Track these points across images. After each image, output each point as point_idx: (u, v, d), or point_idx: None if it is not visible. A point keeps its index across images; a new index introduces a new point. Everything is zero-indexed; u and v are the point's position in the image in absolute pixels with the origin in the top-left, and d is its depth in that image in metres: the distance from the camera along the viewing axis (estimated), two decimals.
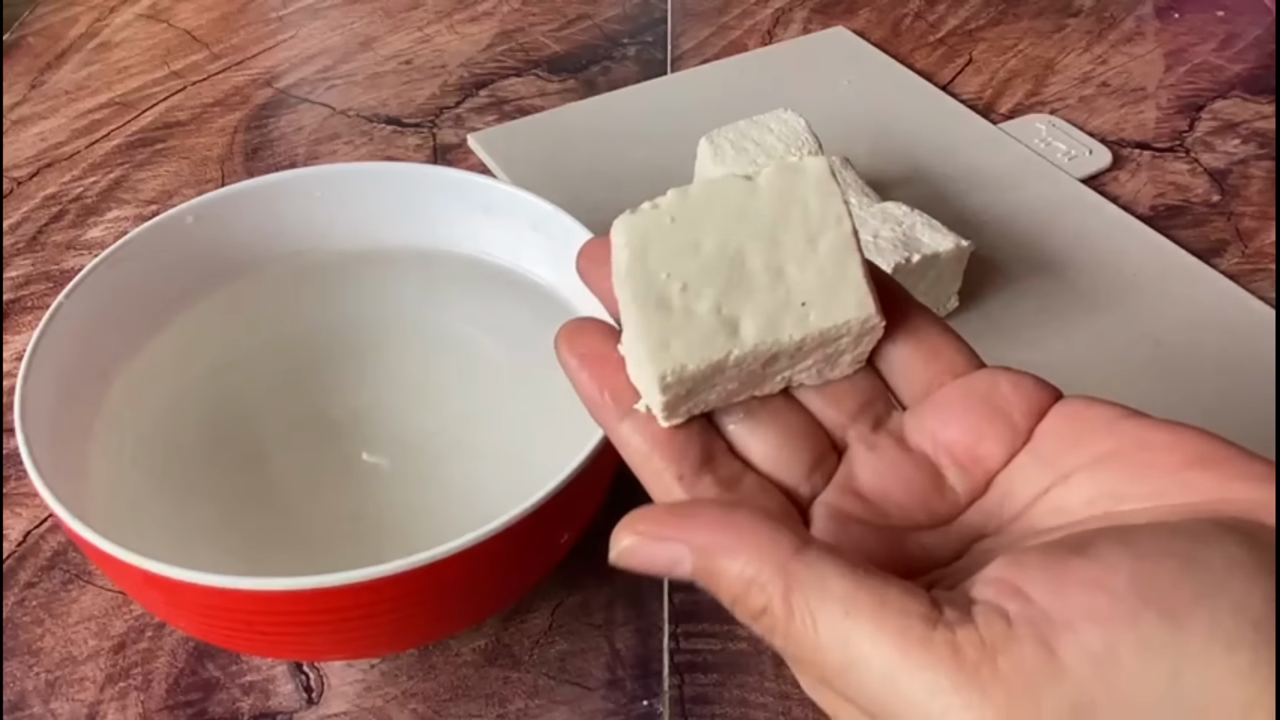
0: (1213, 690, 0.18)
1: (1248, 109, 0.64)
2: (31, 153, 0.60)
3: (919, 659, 0.21)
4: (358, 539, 0.38)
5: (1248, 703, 0.18)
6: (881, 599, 0.21)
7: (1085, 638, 0.19)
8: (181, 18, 0.73)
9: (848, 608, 0.21)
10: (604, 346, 0.26)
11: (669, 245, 0.24)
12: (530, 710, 0.36)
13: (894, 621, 0.21)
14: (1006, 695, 0.20)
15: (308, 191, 0.42)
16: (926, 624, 0.21)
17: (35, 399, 0.33)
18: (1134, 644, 0.19)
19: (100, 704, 0.36)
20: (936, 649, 0.21)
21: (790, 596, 0.21)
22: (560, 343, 0.26)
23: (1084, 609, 0.20)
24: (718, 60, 0.67)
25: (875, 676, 0.21)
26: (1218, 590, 0.19)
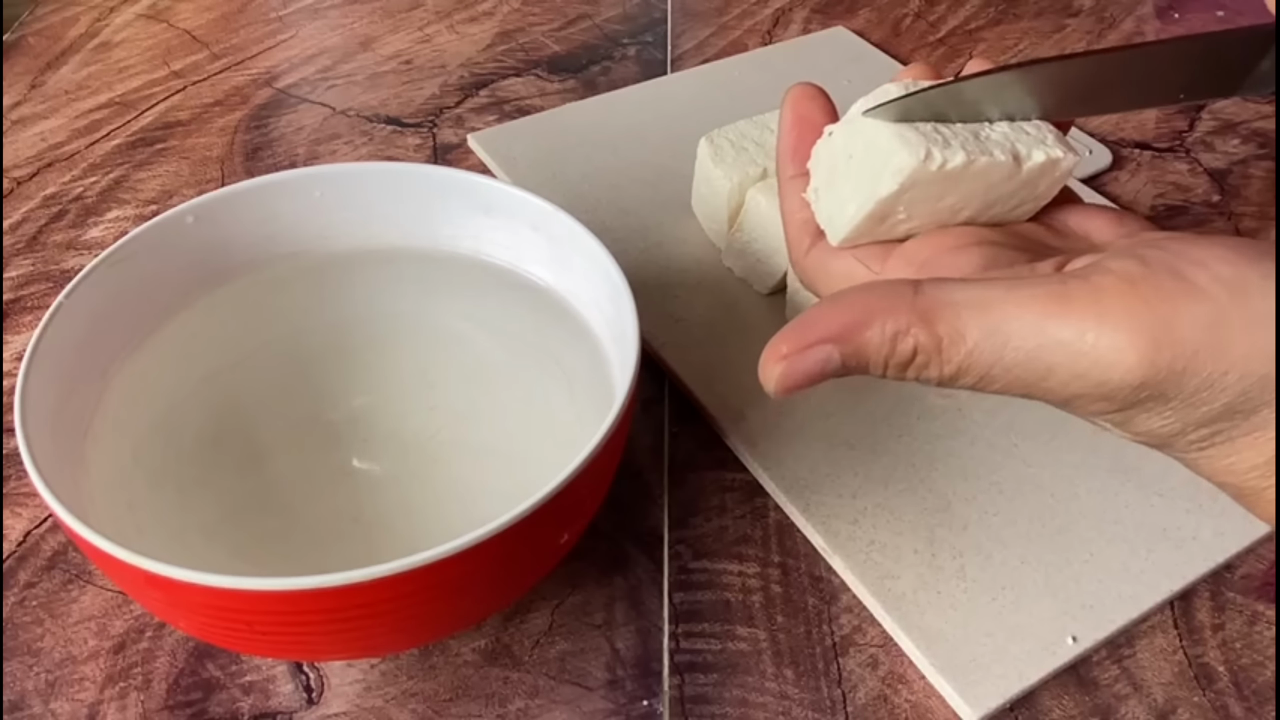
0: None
1: (1248, 109, 0.64)
2: (31, 153, 0.60)
3: (1062, 308, 0.23)
4: (358, 539, 0.38)
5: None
6: (1010, 284, 0.25)
7: (1216, 269, 0.23)
8: (181, 18, 0.73)
9: (983, 303, 0.24)
10: (818, 118, 0.30)
11: (927, 193, 0.27)
12: (530, 710, 0.36)
13: (1028, 292, 0.24)
14: (1150, 314, 0.23)
15: (308, 191, 0.42)
16: (1060, 283, 0.24)
17: (35, 399, 0.33)
18: (1260, 276, 0.22)
19: (100, 704, 0.36)
20: (1076, 295, 0.23)
21: (932, 325, 0.24)
22: (788, 97, 0.30)
23: (1211, 253, 0.23)
24: (718, 60, 0.67)
25: (1028, 345, 0.24)
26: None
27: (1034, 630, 0.37)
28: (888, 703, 0.36)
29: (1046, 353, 0.24)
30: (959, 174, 0.27)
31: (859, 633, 0.38)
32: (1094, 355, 0.23)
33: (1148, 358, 0.23)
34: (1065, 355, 0.23)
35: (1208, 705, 0.36)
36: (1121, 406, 0.24)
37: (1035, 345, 0.24)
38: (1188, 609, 0.39)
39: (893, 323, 0.25)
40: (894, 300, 0.25)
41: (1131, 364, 0.23)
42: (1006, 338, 0.24)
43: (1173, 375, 0.23)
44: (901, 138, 0.27)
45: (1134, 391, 0.23)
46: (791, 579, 0.39)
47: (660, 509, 0.42)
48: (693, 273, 0.51)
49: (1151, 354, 0.23)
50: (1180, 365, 0.23)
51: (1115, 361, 0.23)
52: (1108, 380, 0.23)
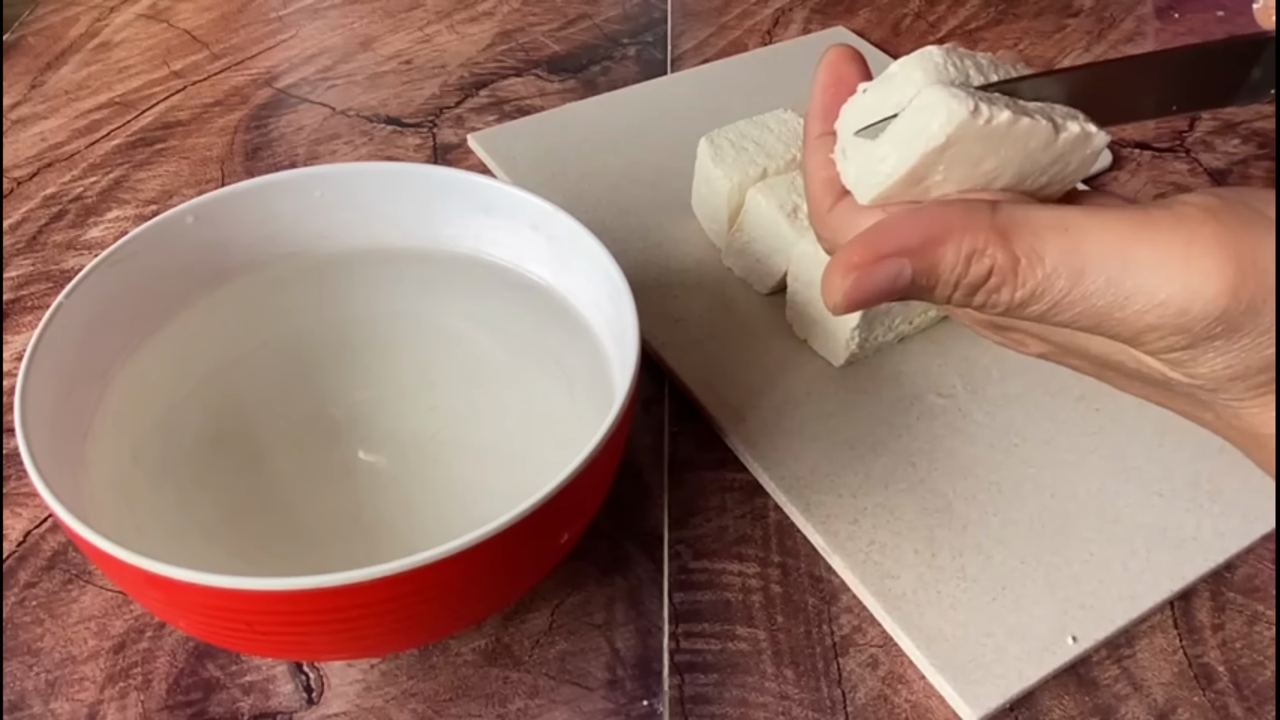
0: None
1: (1248, 109, 0.64)
2: (31, 153, 0.60)
3: (1149, 232, 0.23)
4: (358, 539, 0.38)
5: None
6: (1090, 209, 0.24)
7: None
8: (181, 18, 0.73)
9: (1064, 224, 0.24)
10: (853, 80, 0.29)
11: (968, 154, 0.27)
12: (530, 710, 0.36)
13: (1112, 215, 0.24)
14: (1236, 242, 0.23)
15: (308, 191, 0.42)
16: (1142, 211, 0.24)
17: (35, 399, 0.33)
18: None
19: (100, 704, 0.36)
20: (1161, 221, 0.23)
21: (1010, 243, 0.24)
22: (825, 58, 0.29)
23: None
24: (718, 60, 0.67)
25: (1109, 269, 0.23)
26: None
27: (1034, 630, 0.37)
28: (888, 703, 0.36)
29: (1129, 277, 0.23)
30: (1002, 133, 0.26)
31: (859, 633, 0.38)
32: (1180, 281, 0.23)
33: (1232, 285, 0.22)
34: (1148, 280, 0.23)
35: (1208, 705, 0.36)
36: (1194, 341, 0.23)
37: (1117, 268, 0.23)
38: (1188, 609, 0.39)
39: (970, 240, 0.24)
40: (972, 217, 0.24)
41: (1216, 291, 0.22)
42: (1086, 260, 0.23)
43: (1252, 308, 0.22)
44: (950, 92, 0.26)
45: (1213, 324, 0.23)
46: (791, 579, 0.39)
47: (660, 509, 0.42)
48: (693, 273, 0.51)
49: (1237, 282, 0.22)
50: (1261, 298, 0.22)
51: (1200, 288, 0.23)
52: (1189, 309, 0.23)
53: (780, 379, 0.45)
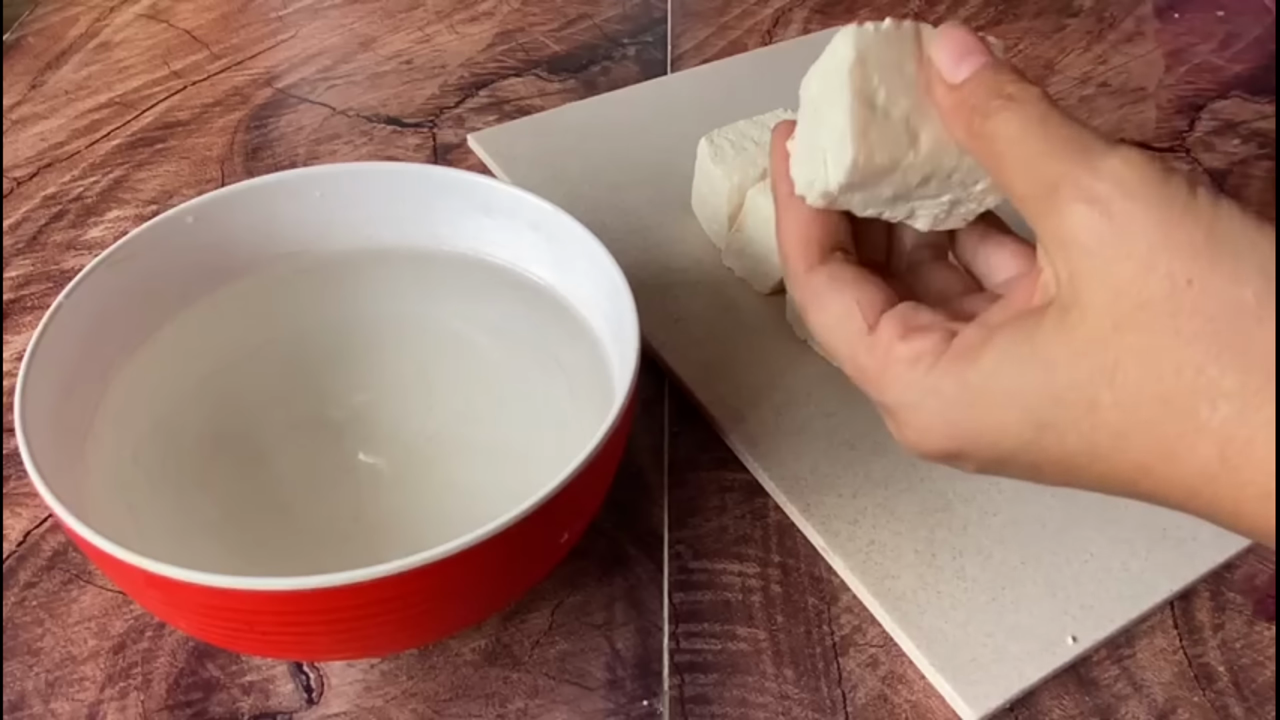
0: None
1: (1248, 109, 0.64)
2: (31, 153, 0.60)
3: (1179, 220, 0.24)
4: (358, 539, 0.38)
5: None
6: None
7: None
8: (181, 18, 0.73)
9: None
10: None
11: (883, 59, 0.28)
12: (530, 710, 0.36)
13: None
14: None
15: (308, 191, 0.42)
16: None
17: (35, 399, 0.33)
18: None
19: (100, 704, 0.36)
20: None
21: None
22: (778, 127, 0.31)
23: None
24: (718, 60, 0.67)
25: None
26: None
27: (1034, 630, 0.37)
28: (888, 703, 0.36)
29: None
30: (909, 34, 0.28)
31: (859, 633, 0.38)
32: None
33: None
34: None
35: (1208, 705, 0.36)
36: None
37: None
38: (1188, 609, 0.39)
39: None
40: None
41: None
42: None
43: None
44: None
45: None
46: (791, 579, 0.39)
47: (660, 509, 0.42)
48: (693, 273, 0.51)
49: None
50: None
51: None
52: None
53: (780, 379, 0.45)
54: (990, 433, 0.25)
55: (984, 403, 0.25)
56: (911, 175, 0.27)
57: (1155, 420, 0.22)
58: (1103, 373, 0.23)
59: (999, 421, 0.25)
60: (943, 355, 0.26)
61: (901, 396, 0.26)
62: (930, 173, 0.27)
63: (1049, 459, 0.25)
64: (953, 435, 0.26)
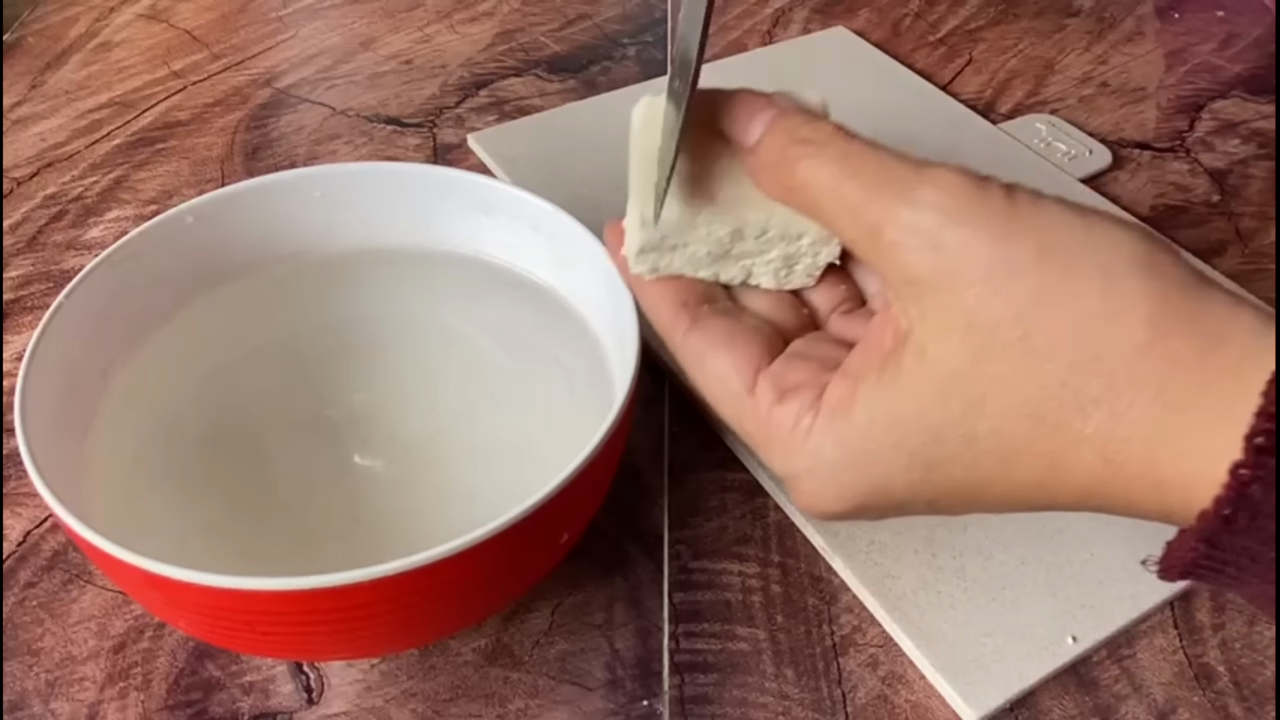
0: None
1: (1248, 109, 0.64)
2: (31, 153, 0.60)
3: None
4: (358, 539, 0.38)
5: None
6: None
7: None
8: (181, 18, 0.73)
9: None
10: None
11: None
12: (530, 710, 0.36)
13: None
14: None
15: (308, 191, 0.42)
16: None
17: (35, 399, 0.33)
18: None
19: (100, 704, 0.36)
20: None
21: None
22: (605, 234, 0.32)
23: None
24: (718, 60, 0.67)
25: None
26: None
27: (1034, 630, 0.37)
28: (888, 703, 0.36)
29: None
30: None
31: (859, 633, 0.38)
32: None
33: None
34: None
35: (1208, 705, 0.36)
36: None
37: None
38: (1188, 609, 0.39)
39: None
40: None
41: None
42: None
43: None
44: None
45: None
46: (791, 579, 0.39)
47: (660, 509, 0.42)
48: None
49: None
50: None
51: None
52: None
53: None
54: (881, 485, 0.25)
55: (866, 459, 0.25)
56: (718, 230, 0.27)
57: (1034, 440, 0.22)
58: (973, 405, 0.23)
59: (885, 473, 0.25)
60: (818, 415, 0.25)
61: (789, 466, 0.26)
62: (738, 227, 0.27)
63: (944, 494, 0.24)
64: (845, 497, 0.25)
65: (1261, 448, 0.19)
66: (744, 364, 0.27)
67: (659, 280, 0.29)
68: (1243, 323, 0.21)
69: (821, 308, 0.30)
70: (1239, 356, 0.21)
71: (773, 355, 0.27)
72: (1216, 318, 0.21)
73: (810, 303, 0.30)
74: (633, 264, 0.29)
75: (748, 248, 0.28)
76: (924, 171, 0.24)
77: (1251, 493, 0.20)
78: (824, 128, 0.26)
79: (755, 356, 0.27)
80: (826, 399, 0.25)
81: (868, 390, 0.24)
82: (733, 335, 0.28)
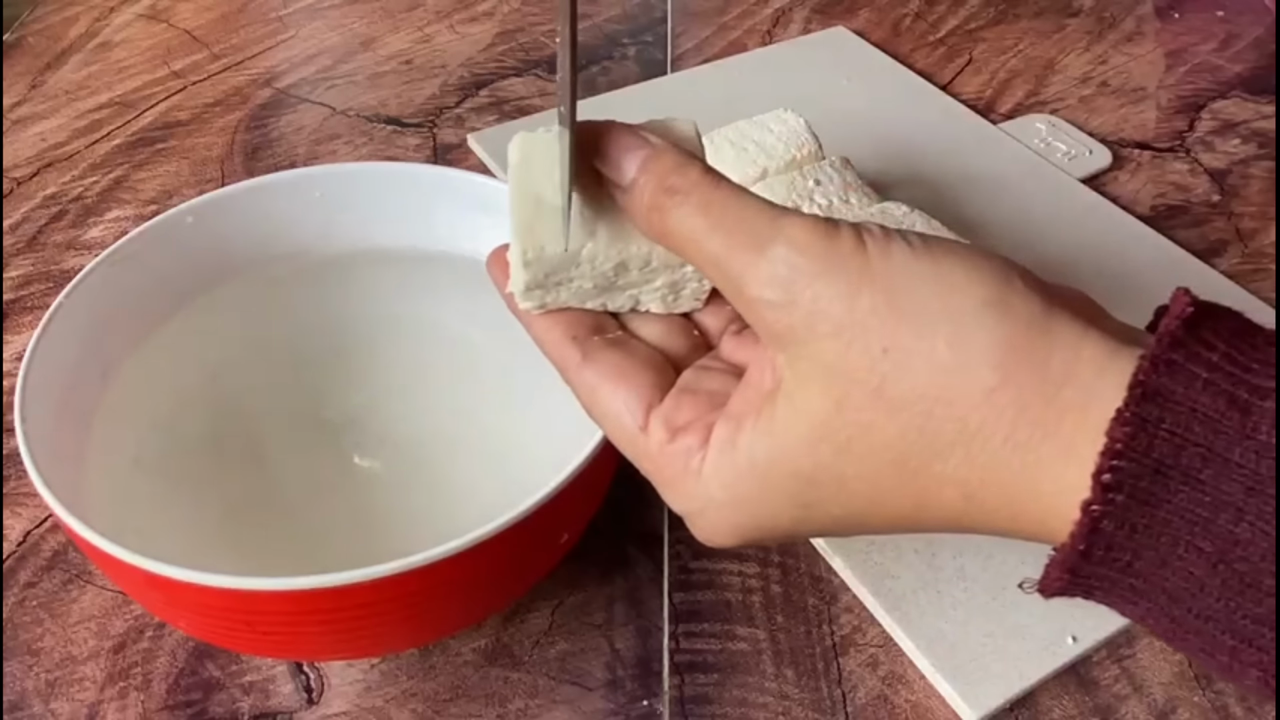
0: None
1: (1248, 109, 0.64)
2: (31, 153, 0.60)
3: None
4: (358, 539, 0.38)
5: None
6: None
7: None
8: (181, 18, 0.73)
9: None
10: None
11: (550, 158, 0.28)
12: (530, 710, 0.36)
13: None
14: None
15: (308, 191, 0.42)
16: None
17: (35, 399, 0.33)
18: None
19: (100, 704, 0.36)
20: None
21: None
22: (488, 263, 0.31)
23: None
24: (718, 60, 0.67)
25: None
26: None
27: (1034, 630, 0.37)
28: (888, 703, 0.36)
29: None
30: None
31: (859, 633, 0.38)
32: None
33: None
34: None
35: (1208, 705, 0.36)
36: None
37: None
38: None
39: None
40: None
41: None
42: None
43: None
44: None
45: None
46: (791, 579, 0.39)
47: (660, 509, 0.42)
48: None
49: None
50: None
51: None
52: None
53: None
54: (767, 524, 0.26)
55: (751, 502, 0.26)
56: (602, 263, 0.28)
57: (900, 483, 0.23)
58: (840, 451, 0.24)
59: (770, 513, 0.25)
60: (705, 458, 0.26)
61: (684, 504, 0.27)
62: (623, 259, 0.28)
63: (826, 527, 0.26)
64: (737, 532, 0.26)
65: (1109, 484, 0.21)
66: (635, 402, 0.27)
67: (547, 314, 0.29)
68: (1086, 358, 0.22)
69: (713, 329, 0.30)
70: (1084, 397, 0.21)
71: (665, 387, 0.28)
72: (1061, 357, 0.22)
73: (701, 324, 0.30)
74: (519, 300, 0.29)
75: (633, 279, 0.28)
76: (778, 223, 0.25)
77: (1103, 527, 0.21)
78: (690, 173, 0.26)
79: (647, 392, 0.28)
80: (713, 441, 0.26)
81: (747, 435, 0.25)
82: (623, 370, 0.28)
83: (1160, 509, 0.20)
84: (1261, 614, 0.20)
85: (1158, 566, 0.21)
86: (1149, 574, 0.21)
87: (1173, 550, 0.21)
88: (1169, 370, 0.20)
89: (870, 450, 0.23)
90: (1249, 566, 0.20)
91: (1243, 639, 0.20)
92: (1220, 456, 0.20)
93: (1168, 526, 0.20)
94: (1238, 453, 0.20)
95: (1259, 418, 0.20)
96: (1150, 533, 0.21)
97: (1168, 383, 0.20)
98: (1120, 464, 0.20)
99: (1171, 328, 0.21)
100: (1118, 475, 0.20)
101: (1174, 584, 0.21)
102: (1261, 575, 0.20)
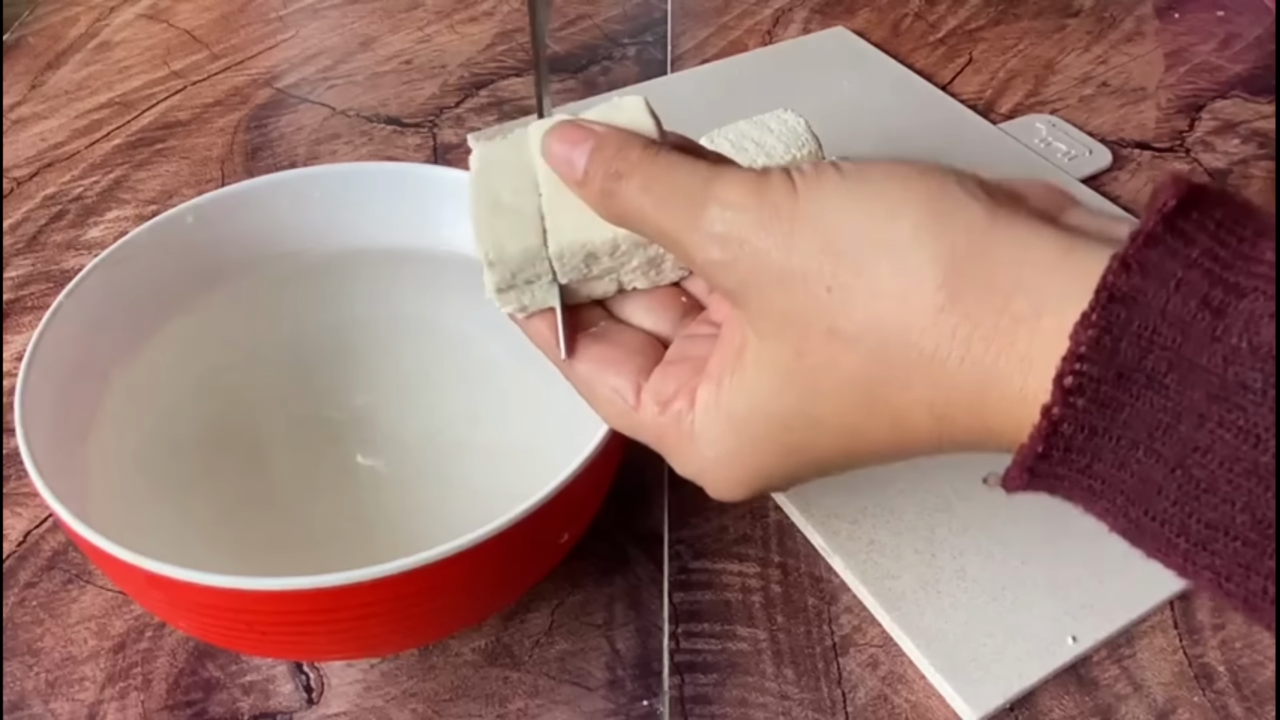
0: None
1: (1248, 109, 0.64)
2: (31, 153, 0.60)
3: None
4: (358, 539, 0.38)
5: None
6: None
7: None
8: (181, 18, 0.73)
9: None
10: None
11: (508, 163, 0.29)
12: (530, 710, 0.36)
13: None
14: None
15: (308, 191, 0.42)
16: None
17: (35, 399, 0.33)
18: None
19: (100, 704, 0.36)
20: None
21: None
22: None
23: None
24: (718, 60, 0.67)
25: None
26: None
27: (1034, 630, 0.37)
28: (888, 703, 0.36)
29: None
30: (518, 142, 0.29)
31: (859, 633, 0.38)
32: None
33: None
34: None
35: (1208, 705, 0.36)
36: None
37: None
38: (1188, 609, 0.39)
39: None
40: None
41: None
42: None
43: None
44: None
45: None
46: (791, 579, 0.39)
47: (660, 509, 0.42)
48: None
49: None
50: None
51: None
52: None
53: None
54: (763, 471, 0.27)
55: (742, 453, 0.26)
56: (570, 256, 0.28)
57: (871, 413, 0.24)
58: (809, 394, 0.24)
59: (761, 462, 0.26)
60: (694, 420, 0.27)
61: (689, 467, 0.28)
62: (589, 249, 0.28)
63: (822, 466, 0.26)
64: (741, 485, 0.27)
65: (1070, 388, 0.20)
66: (625, 384, 0.28)
67: (534, 319, 0.30)
68: (1034, 260, 0.21)
69: (700, 291, 0.31)
70: (1035, 306, 0.21)
71: (653, 367, 0.29)
72: (1008, 264, 0.22)
73: (689, 290, 0.31)
74: (497, 304, 0.30)
75: (606, 264, 0.29)
76: (710, 185, 0.25)
77: (1062, 430, 0.21)
78: (631, 154, 0.27)
79: (635, 374, 0.29)
80: (698, 404, 0.27)
81: (726, 392, 0.26)
82: (610, 358, 0.29)
83: (1122, 413, 0.20)
84: (1216, 519, 0.20)
85: (1116, 468, 0.21)
86: (1107, 475, 0.21)
87: (1131, 454, 0.20)
88: (1141, 270, 0.20)
89: (837, 388, 0.24)
90: (1206, 473, 0.19)
91: (1196, 542, 0.20)
92: (1187, 360, 0.19)
93: (1127, 430, 0.20)
94: (1205, 357, 0.19)
95: (1231, 319, 0.19)
96: (1109, 435, 0.20)
97: (1139, 282, 0.20)
98: (1082, 368, 0.20)
99: (1149, 225, 0.20)
100: (1079, 379, 0.20)
101: (1132, 486, 0.21)
102: (1218, 482, 0.19)
